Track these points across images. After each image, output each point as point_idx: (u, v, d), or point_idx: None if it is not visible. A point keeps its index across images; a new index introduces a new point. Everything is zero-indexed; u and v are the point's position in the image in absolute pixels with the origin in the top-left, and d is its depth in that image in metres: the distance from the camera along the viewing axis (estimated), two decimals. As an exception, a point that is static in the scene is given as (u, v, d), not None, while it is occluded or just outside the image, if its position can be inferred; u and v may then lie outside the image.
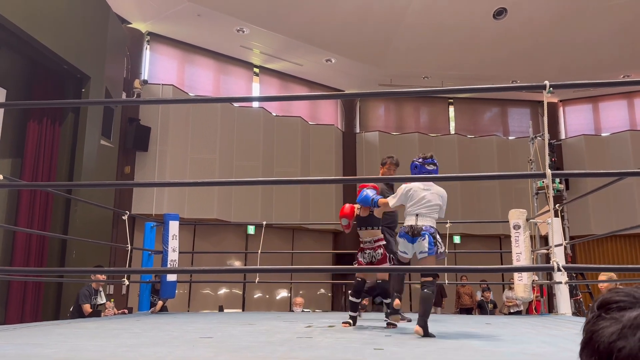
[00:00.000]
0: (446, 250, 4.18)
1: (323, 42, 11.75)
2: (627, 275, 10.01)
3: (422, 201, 3.70)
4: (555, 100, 14.62)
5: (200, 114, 11.19)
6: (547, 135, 3.14)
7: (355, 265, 4.22)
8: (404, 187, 3.83)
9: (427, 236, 3.55)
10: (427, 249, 3.54)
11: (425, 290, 3.52)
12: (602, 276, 6.12)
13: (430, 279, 3.54)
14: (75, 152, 7.71)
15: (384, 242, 4.26)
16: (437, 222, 3.81)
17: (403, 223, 3.78)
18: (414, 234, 3.58)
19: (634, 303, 0.63)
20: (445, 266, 3.87)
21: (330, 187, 12.79)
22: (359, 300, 4.32)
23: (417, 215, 3.65)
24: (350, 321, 4.27)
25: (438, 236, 3.66)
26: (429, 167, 3.81)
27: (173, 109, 10.83)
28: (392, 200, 3.87)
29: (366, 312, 8.19)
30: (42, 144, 7.50)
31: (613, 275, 5.98)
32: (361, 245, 4.24)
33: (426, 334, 3.34)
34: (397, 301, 3.84)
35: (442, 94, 15.32)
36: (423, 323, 3.37)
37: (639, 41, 11.61)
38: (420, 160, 3.84)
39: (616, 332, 0.61)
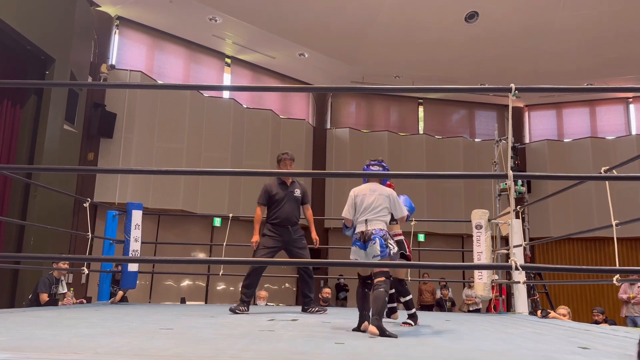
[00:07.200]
0: (409, 249, 4.22)
1: (297, 35, 11.70)
2: (582, 277, 10.38)
3: (369, 207, 3.68)
4: (521, 104, 14.99)
5: (169, 102, 10.99)
6: (510, 137, 3.22)
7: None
8: (350, 193, 3.82)
9: (377, 239, 3.53)
10: (379, 253, 3.51)
11: (378, 290, 3.44)
12: (562, 309, 6.38)
13: (383, 278, 3.49)
14: (36, 136, 7.46)
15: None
16: (407, 221, 3.79)
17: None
18: (365, 240, 3.55)
19: None
20: (406, 262, 3.91)
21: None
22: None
23: (366, 221, 3.63)
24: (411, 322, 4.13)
25: (390, 239, 3.65)
26: (372, 168, 3.84)
27: (140, 95, 10.59)
28: (344, 212, 3.83)
29: (330, 307, 8.25)
30: (1, 127, 7.23)
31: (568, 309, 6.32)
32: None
33: (383, 333, 3.22)
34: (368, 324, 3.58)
35: (412, 92, 15.50)
36: (378, 323, 3.27)
37: (603, 51, 12.02)
38: (367, 163, 3.91)
39: None
